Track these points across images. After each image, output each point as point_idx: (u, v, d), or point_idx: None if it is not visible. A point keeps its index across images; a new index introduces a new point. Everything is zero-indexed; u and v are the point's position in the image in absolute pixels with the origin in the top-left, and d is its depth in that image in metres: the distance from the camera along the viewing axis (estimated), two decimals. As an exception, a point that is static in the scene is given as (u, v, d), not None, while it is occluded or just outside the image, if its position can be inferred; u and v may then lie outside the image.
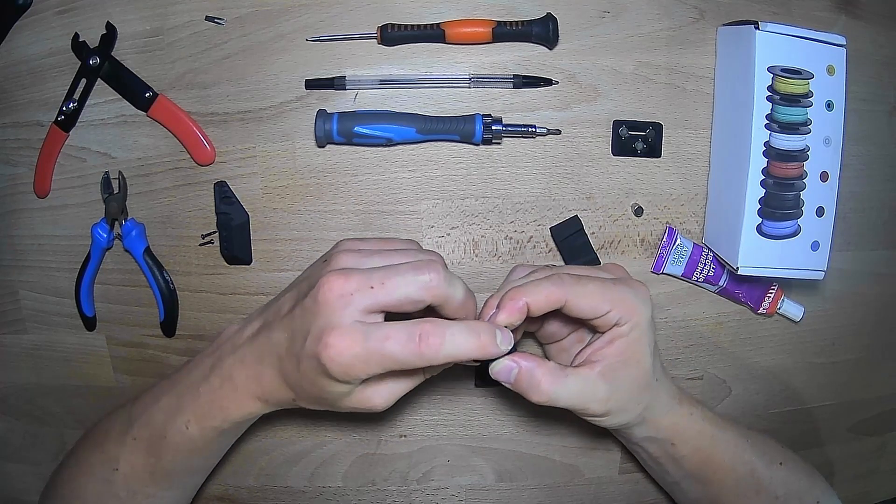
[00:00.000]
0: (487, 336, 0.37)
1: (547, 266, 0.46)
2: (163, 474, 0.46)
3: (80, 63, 0.53)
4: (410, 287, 0.37)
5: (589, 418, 0.44)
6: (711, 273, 0.55)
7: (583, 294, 0.40)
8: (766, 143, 0.48)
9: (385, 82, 0.53)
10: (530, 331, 0.50)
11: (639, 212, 0.56)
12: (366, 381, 0.39)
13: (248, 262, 0.56)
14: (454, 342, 0.36)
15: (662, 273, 0.56)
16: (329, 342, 0.36)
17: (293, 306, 0.40)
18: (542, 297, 0.40)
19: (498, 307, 0.41)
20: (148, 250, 0.56)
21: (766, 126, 0.48)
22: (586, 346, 0.44)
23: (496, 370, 0.41)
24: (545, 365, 0.41)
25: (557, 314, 0.42)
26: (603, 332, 0.43)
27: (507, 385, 0.41)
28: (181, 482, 0.48)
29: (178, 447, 0.44)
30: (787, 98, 0.48)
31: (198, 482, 0.51)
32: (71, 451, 0.50)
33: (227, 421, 0.43)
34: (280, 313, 0.41)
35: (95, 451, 0.48)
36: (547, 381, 0.40)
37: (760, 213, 0.49)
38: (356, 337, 0.36)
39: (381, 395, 0.40)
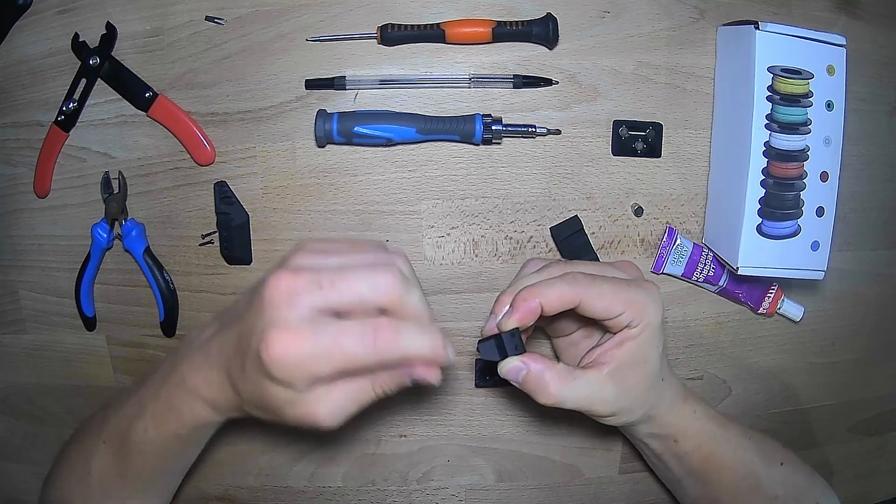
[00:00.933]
0: (439, 339, 0.35)
1: (560, 261, 0.46)
2: (132, 477, 0.45)
3: (80, 63, 0.53)
4: (363, 288, 0.34)
5: (595, 417, 0.44)
6: (711, 273, 0.55)
7: (597, 295, 0.40)
8: (766, 143, 0.48)
9: (385, 82, 0.53)
10: (539, 325, 0.49)
11: (639, 212, 0.56)
12: (312, 389, 0.35)
13: (248, 262, 0.56)
14: (410, 338, 0.34)
15: (662, 273, 0.56)
16: (270, 340, 0.33)
17: (247, 307, 0.37)
18: (555, 298, 0.40)
19: (511, 306, 0.40)
20: (148, 250, 0.56)
21: (766, 126, 0.48)
22: (596, 346, 0.44)
23: (506, 370, 0.41)
24: (554, 368, 0.41)
25: (568, 311, 0.42)
26: (613, 333, 0.43)
27: (515, 384, 0.41)
28: (154, 484, 0.47)
29: (142, 451, 0.44)
30: (787, 98, 0.48)
31: (172, 485, 0.50)
32: (60, 452, 0.51)
33: (182, 426, 0.42)
34: (234, 315, 0.39)
35: (75, 453, 0.48)
36: (555, 384, 0.41)
37: (760, 213, 0.49)
38: (302, 335, 0.33)
39: (328, 409, 0.36)
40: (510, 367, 0.41)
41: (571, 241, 0.55)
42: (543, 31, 0.51)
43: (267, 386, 0.35)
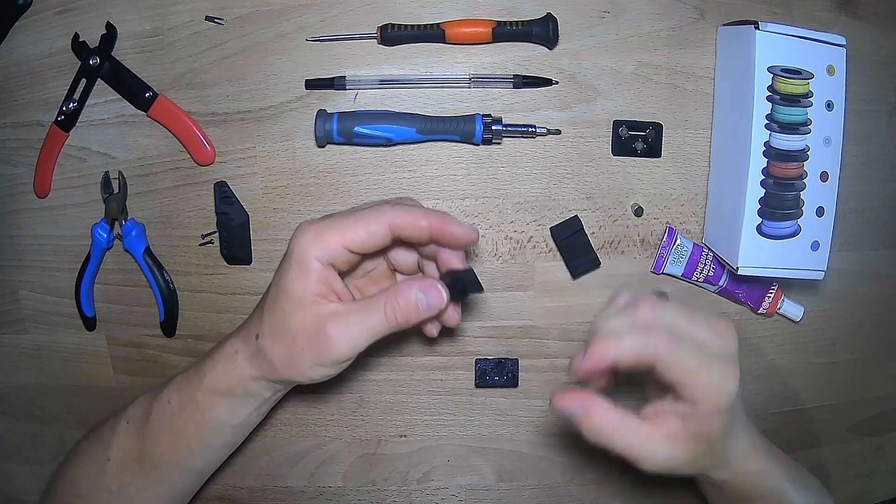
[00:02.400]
0: (447, 215, 0.41)
1: (650, 302, 0.41)
2: (150, 463, 0.46)
3: (80, 63, 0.53)
4: (366, 209, 0.40)
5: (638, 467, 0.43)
6: (711, 273, 0.55)
7: (673, 365, 0.39)
8: (766, 143, 0.48)
9: (385, 82, 0.53)
10: None
11: (639, 212, 0.56)
12: (325, 305, 0.40)
13: (248, 262, 0.56)
14: (414, 206, 0.41)
15: (662, 273, 0.56)
16: (299, 227, 0.40)
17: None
18: (631, 357, 0.38)
19: (585, 353, 0.39)
20: (148, 250, 0.56)
21: (766, 126, 0.48)
22: (663, 400, 0.42)
23: (562, 404, 0.40)
24: (609, 412, 0.40)
25: None
26: (681, 398, 0.40)
27: (569, 418, 0.41)
28: (169, 477, 0.47)
29: (161, 426, 0.45)
30: (787, 98, 0.48)
31: (186, 485, 0.49)
32: (71, 449, 0.51)
33: (201, 386, 0.44)
34: None
35: (92, 443, 0.48)
36: (607, 430, 0.40)
37: (760, 213, 0.49)
38: (322, 218, 0.41)
39: (337, 327, 0.39)
40: (567, 403, 0.40)
41: (571, 241, 0.55)
42: (543, 31, 0.51)
43: (289, 272, 0.40)
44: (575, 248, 0.55)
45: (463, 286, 0.42)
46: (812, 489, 0.50)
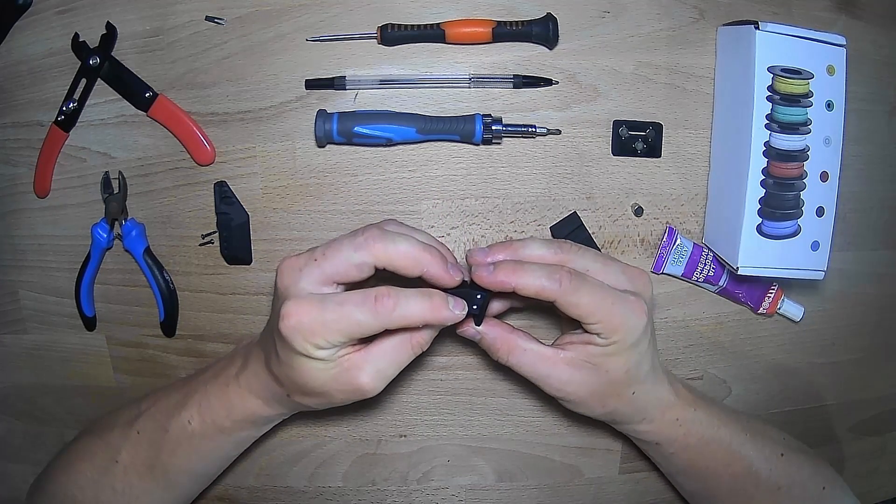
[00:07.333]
0: (439, 300, 0.39)
1: (570, 246, 0.44)
2: (161, 471, 0.46)
3: (80, 63, 0.53)
4: (348, 249, 0.39)
5: (549, 394, 0.45)
6: (711, 273, 0.55)
7: (573, 304, 0.40)
8: (766, 143, 0.48)
9: (385, 82, 0.53)
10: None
11: (639, 212, 0.56)
12: (346, 359, 0.39)
13: (248, 262, 0.56)
14: (408, 303, 0.38)
15: (662, 273, 0.56)
16: (284, 312, 0.37)
17: (273, 302, 0.43)
18: (531, 289, 0.40)
19: (493, 267, 0.41)
20: (148, 250, 0.56)
21: (766, 126, 0.48)
22: (569, 332, 0.45)
23: (467, 335, 0.44)
24: (509, 336, 0.43)
25: None
26: (585, 331, 0.43)
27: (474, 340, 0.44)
28: (178, 484, 0.48)
29: (179, 443, 0.45)
30: (787, 98, 0.48)
31: (193, 489, 0.51)
32: (71, 441, 0.51)
33: (229, 418, 0.44)
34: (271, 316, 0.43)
35: (98, 441, 0.49)
36: (504, 350, 0.43)
37: (760, 213, 0.49)
38: (311, 304, 0.38)
39: (369, 376, 0.40)
40: (469, 333, 0.44)
41: (573, 238, 0.55)
42: (543, 31, 0.51)
43: (293, 360, 0.39)
44: (576, 246, 0.55)
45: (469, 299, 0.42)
46: (775, 440, 0.51)
